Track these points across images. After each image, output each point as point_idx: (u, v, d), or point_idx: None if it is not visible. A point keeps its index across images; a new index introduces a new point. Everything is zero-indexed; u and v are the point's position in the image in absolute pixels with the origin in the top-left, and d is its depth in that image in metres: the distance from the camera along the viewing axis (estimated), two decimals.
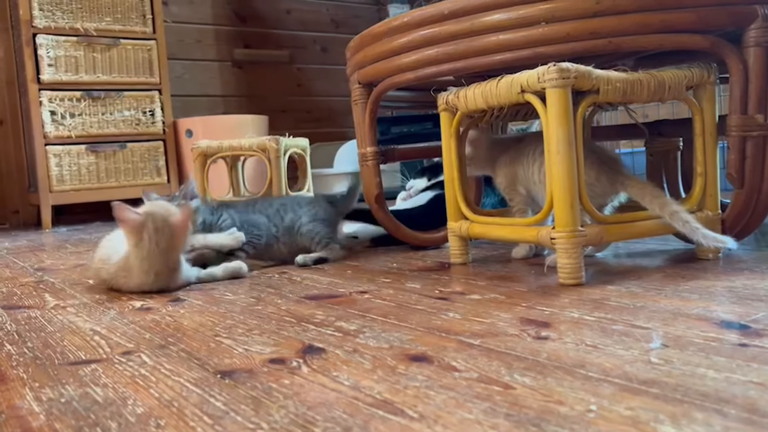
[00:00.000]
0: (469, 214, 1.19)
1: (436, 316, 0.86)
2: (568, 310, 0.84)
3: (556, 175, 0.97)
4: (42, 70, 2.87)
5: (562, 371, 0.61)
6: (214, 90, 3.82)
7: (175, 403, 0.60)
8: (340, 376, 0.64)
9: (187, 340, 0.83)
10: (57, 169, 2.92)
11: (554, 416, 0.51)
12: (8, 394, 0.66)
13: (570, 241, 0.97)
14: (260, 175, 3.17)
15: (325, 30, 4.22)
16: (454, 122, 1.19)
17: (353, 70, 1.39)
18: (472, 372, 0.63)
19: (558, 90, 0.95)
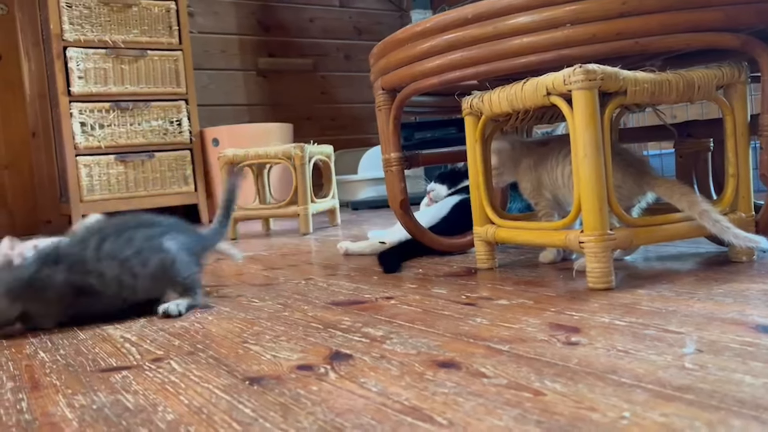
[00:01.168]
0: (496, 219, 1.18)
1: (464, 321, 0.85)
2: (598, 314, 0.83)
3: (584, 178, 0.96)
4: (72, 82, 2.93)
5: (593, 377, 0.60)
6: (239, 99, 3.86)
7: (204, 410, 0.60)
8: (367, 382, 0.64)
9: (215, 346, 0.83)
10: (87, 179, 2.98)
11: (586, 423, 0.50)
12: (42, 401, 0.67)
13: (599, 245, 0.95)
14: (286, 182, 3.20)
15: (348, 37, 4.24)
16: (478, 126, 1.18)
17: (377, 76, 1.39)
18: (501, 378, 0.62)
19: (584, 92, 0.94)
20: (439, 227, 1.51)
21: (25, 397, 0.69)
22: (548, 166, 1.17)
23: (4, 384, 0.74)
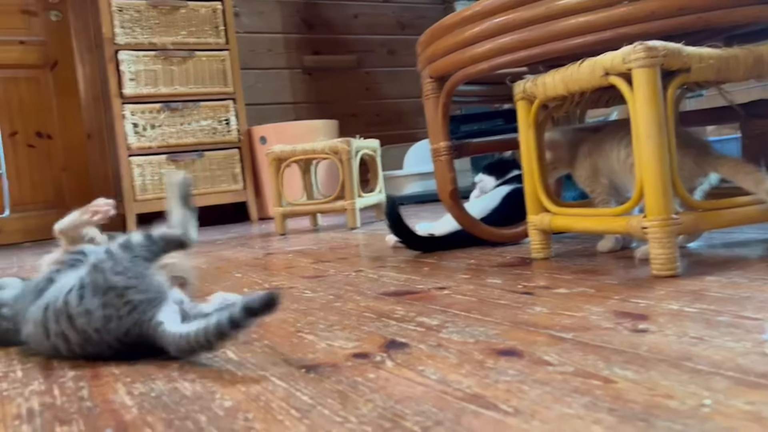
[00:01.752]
0: (551, 207, 1.15)
1: (522, 310, 0.83)
2: (665, 302, 0.79)
3: (646, 161, 0.91)
4: (124, 84, 3.00)
5: (666, 364, 0.57)
6: (285, 97, 3.89)
7: (261, 397, 0.59)
8: (425, 370, 0.62)
9: (270, 336, 0.83)
10: (140, 179, 3.05)
11: (663, 411, 0.47)
12: (102, 389, 0.67)
13: (664, 230, 0.91)
14: (333, 178, 3.20)
15: (392, 32, 4.22)
16: (532, 111, 1.14)
17: (424, 64, 1.37)
18: (567, 366, 0.59)
19: (646, 70, 0.90)
20: (490, 218, 1.48)
21: (86, 385, 0.69)
22: (604, 151, 1.13)
23: (66, 373, 0.75)
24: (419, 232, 1.67)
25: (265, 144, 3.29)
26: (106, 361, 0.77)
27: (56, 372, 0.75)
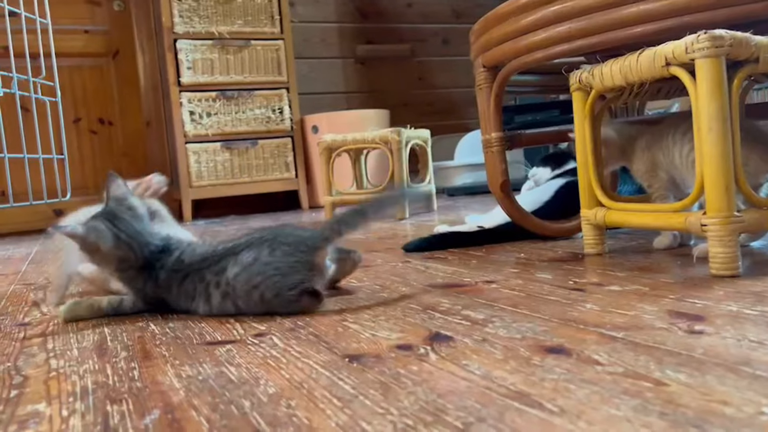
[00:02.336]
0: (606, 201, 1.11)
1: (572, 307, 0.80)
2: (724, 303, 0.75)
3: (708, 155, 0.88)
4: (182, 73, 3.07)
5: (722, 368, 0.54)
6: (338, 87, 3.91)
7: (305, 385, 0.59)
8: (470, 365, 0.61)
9: (315, 324, 0.83)
10: (196, 166, 3.12)
11: (718, 417, 0.45)
12: (152, 370, 0.69)
13: (725, 228, 0.87)
14: (383, 168, 3.20)
15: (447, 21, 4.18)
16: (588, 102, 1.11)
17: (478, 53, 1.35)
18: (617, 366, 0.57)
19: (710, 60, 0.86)
20: (541, 211, 1.45)
21: (136, 366, 0.71)
22: (664, 144, 1.08)
23: (118, 353, 0.77)
24: (467, 224, 1.66)
25: (317, 133, 3.31)
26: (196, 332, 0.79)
27: (109, 352, 0.78)
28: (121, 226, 0.96)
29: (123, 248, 0.95)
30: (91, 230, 0.94)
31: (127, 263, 0.96)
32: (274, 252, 0.89)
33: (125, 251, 0.95)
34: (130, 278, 0.98)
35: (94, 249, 0.95)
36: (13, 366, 0.75)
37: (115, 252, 0.95)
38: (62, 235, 0.95)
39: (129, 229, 0.96)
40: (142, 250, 0.96)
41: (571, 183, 1.47)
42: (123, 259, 0.96)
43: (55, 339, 0.87)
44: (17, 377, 0.70)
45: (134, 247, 0.95)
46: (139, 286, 0.98)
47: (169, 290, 0.95)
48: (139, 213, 0.99)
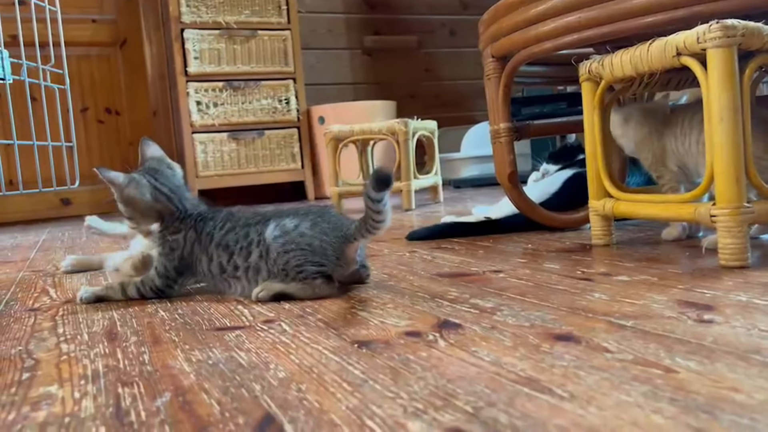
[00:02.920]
0: (614, 192, 1.11)
1: (580, 296, 0.81)
2: (733, 293, 0.75)
3: (718, 146, 0.87)
4: (189, 62, 3.07)
5: (733, 356, 0.54)
6: (345, 78, 3.90)
7: (314, 370, 0.60)
8: (479, 351, 0.62)
9: (323, 311, 0.83)
10: (202, 156, 3.13)
11: (729, 404, 0.45)
12: (162, 354, 0.69)
13: (734, 219, 0.87)
14: (389, 159, 3.20)
15: (454, 12, 4.16)
16: (597, 93, 1.11)
17: (486, 43, 1.34)
18: (626, 354, 0.57)
19: (722, 50, 0.85)
20: (549, 203, 1.45)
21: (147, 350, 0.72)
22: (676, 134, 1.08)
23: (128, 338, 0.78)
24: (474, 216, 1.66)
25: (323, 124, 3.31)
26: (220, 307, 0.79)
27: (119, 337, 0.78)
28: (162, 180, 0.99)
29: (162, 201, 0.98)
30: (132, 181, 0.98)
31: (167, 216, 0.99)
32: (314, 227, 0.91)
33: (165, 204, 0.98)
34: (171, 232, 0.99)
35: (132, 201, 0.98)
36: (25, 350, 0.76)
37: (154, 205, 0.98)
38: (104, 177, 0.98)
39: (169, 184, 1.00)
40: (183, 203, 0.99)
41: (578, 174, 1.47)
42: (162, 212, 0.99)
43: (65, 324, 0.88)
44: (29, 360, 0.71)
45: (174, 200, 0.99)
46: (174, 246, 0.98)
47: (207, 243, 0.96)
48: (178, 171, 1.03)
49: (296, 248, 0.90)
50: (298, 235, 0.90)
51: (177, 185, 1.01)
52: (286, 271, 0.91)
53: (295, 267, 0.90)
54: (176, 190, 1.00)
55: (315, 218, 0.93)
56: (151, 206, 0.98)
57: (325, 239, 0.91)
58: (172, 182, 1.01)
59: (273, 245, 0.91)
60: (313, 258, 0.90)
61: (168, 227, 0.99)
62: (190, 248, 0.98)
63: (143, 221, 1.00)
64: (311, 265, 0.90)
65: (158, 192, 0.98)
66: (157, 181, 0.99)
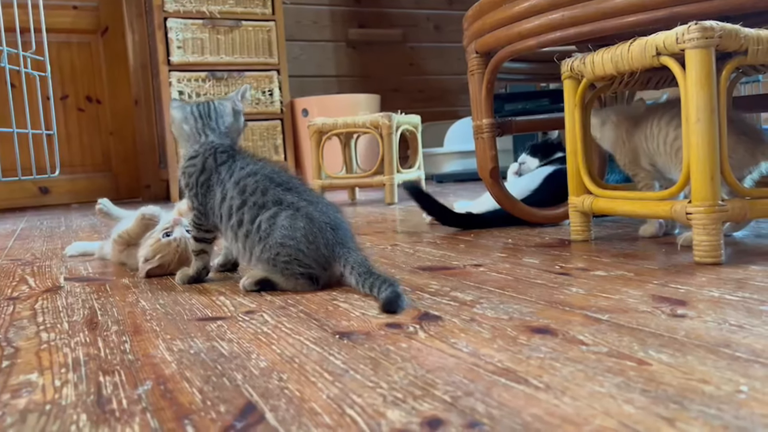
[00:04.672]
0: (594, 189, 1.13)
1: (558, 290, 0.82)
2: (706, 288, 0.77)
3: (694, 145, 0.89)
4: (171, 52, 3.04)
5: (703, 350, 0.56)
6: (329, 70, 3.89)
7: (296, 360, 0.60)
8: (458, 343, 0.63)
9: (305, 302, 0.84)
10: None
11: (698, 395, 0.46)
12: (143, 344, 0.70)
13: (709, 216, 0.89)
14: (372, 152, 3.20)
15: (439, 7, 4.17)
16: (579, 90, 1.12)
17: (470, 39, 1.35)
18: (601, 346, 0.59)
19: (700, 51, 0.87)
20: (530, 199, 1.47)
21: (128, 339, 0.72)
22: (647, 133, 1.10)
23: (109, 327, 0.78)
24: (456, 210, 1.67)
25: (307, 116, 3.30)
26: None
27: (100, 326, 0.78)
28: (201, 107, 1.04)
29: (190, 123, 1.03)
30: (175, 100, 1.07)
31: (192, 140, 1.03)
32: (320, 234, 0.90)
33: (192, 126, 1.03)
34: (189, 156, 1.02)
35: (173, 120, 1.05)
36: (4, 338, 0.75)
37: (184, 126, 1.03)
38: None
39: (203, 111, 1.04)
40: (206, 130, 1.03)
41: (558, 171, 1.48)
42: (191, 135, 1.03)
43: (44, 313, 0.88)
44: (8, 348, 0.71)
45: (200, 126, 1.03)
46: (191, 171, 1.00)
47: (226, 177, 0.97)
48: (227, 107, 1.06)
49: (293, 246, 0.89)
50: (301, 236, 0.90)
51: (211, 110, 1.04)
52: (275, 262, 0.91)
53: (283, 263, 0.90)
54: (209, 113, 1.04)
55: (325, 226, 0.91)
56: (183, 127, 1.04)
57: (322, 252, 0.90)
58: (209, 108, 1.05)
59: (276, 233, 0.91)
60: (303, 260, 0.90)
61: (190, 152, 1.03)
62: (207, 176, 1.00)
63: (180, 144, 1.07)
64: (298, 265, 0.90)
65: (191, 114, 1.04)
66: (198, 108, 1.04)
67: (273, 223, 0.91)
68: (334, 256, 0.91)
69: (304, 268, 0.90)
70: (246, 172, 0.97)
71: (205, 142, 1.02)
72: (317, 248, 0.90)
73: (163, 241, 1.09)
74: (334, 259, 0.91)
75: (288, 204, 0.93)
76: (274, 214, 0.92)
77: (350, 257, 0.90)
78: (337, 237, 0.91)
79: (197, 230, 1.02)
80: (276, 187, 0.95)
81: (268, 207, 0.93)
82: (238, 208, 0.95)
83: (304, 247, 0.90)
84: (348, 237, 0.93)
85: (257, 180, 0.95)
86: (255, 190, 0.94)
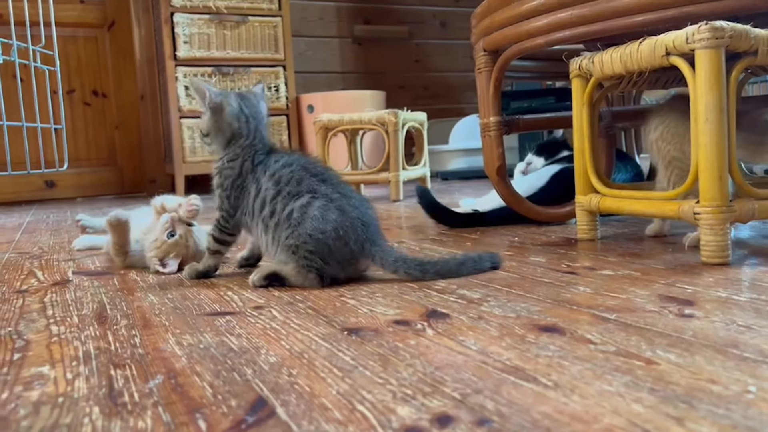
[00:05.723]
0: (601, 188, 1.13)
1: (565, 289, 0.82)
2: (713, 289, 0.77)
3: (703, 145, 0.89)
4: (178, 47, 3.04)
5: (711, 350, 0.56)
6: (334, 66, 3.89)
7: (305, 355, 0.61)
8: (466, 340, 0.63)
9: (313, 298, 0.84)
10: (190, 141, 3.11)
11: (706, 395, 0.47)
12: (153, 338, 0.70)
13: (716, 217, 0.89)
14: (378, 149, 3.20)
15: (445, 4, 4.16)
16: (587, 89, 1.12)
17: (479, 37, 1.35)
18: (609, 345, 0.59)
19: (710, 51, 0.87)
20: (536, 197, 1.47)
21: (137, 333, 0.72)
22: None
23: (118, 321, 0.78)
24: (462, 208, 1.67)
25: (312, 112, 3.30)
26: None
27: (110, 320, 0.79)
28: (247, 103, 1.02)
29: (241, 120, 1.01)
30: (222, 92, 1.02)
31: (236, 140, 1.01)
32: (351, 230, 0.90)
33: (242, 124, 1.01)
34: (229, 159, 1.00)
35: (218, 110, 1.01)
36: (15, 330, 0.76)
37: (233, 122, 1.00)
38: (194, 86, 1.02)
39: (252, 109, 1.02)
40: (256, 133, 1.01)
41: (565, 170, 1.48)
42: (236, 133, 1.01)
43: (54, 306, 0.88)
44: (19, 341, 0.71)
45: (251, 125, 1.01)
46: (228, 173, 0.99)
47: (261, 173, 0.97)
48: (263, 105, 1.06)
49: (321, 240, 0.89)
50: (332, 228, 0.89)
51: (258, 111, 1.03)
52: (297, 249, 0.90)
53: (307, 253, 0.90)
54: (256, 115, 1.03)
55: (356, 221, 0.91)
56: (230, 123, 1.01)
57: (350, 248, 0.90)
58: (255, 108, 1.03)
59: (307, 223, 0.90)
60: (326, 257, 0.90)
61: (229, 153, 1.01)
62: (243, 179, 0.99)
63: (217, 139, 1.02)
64: (319, 259, 0.90)
65: (241, 111, 1.01)
66: (243, 102, 1.02)
67: (305, 212, 0.91)
68: (363, 252, 0.91)
69: (322, 265, 0.90)
70: (281, 164, 0.97)
71: (248, 145, 1.00)
72: (345, 243, 0.90)
73: (170, 242, 1.09)
74: (362, 255, 0.91)
75: (322, 194, 0.92)
76: (307, 203, 0.92)
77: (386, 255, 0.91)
78: (367, 233, 0.92)
79: (220, 232, 1.01)
80: (311, 177, 0.95)
81: (302, 195, 0.92)
82: (272, 198, 0.94)
83: (332, 242, 0.89)
84: (378, 234, 0.94)
85: (293, 170, 0.95)
86: (290, 180, 0.94)
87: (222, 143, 1.02)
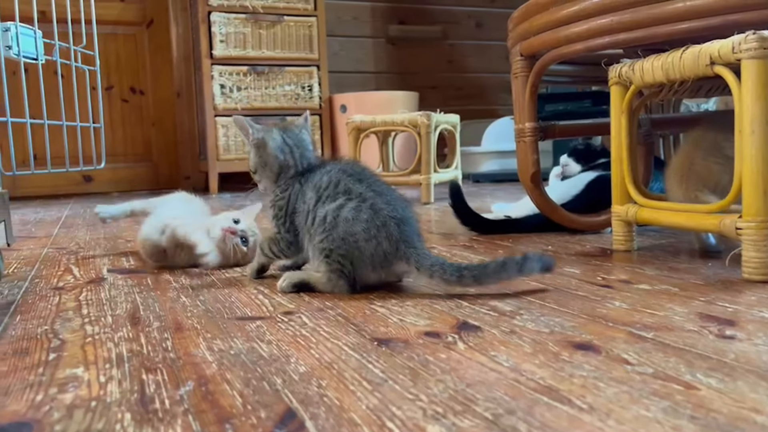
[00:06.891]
0: (638, 198, 1.10)
1: (600, 304, 0.80)
2: (756, 308, 0.75)
3: (747, 157, 0.86)
4: (214, 45, 3.08)
5: (755, 375, 0.54)
6: (367, 66, 3.89)
7: (335, 366, 0.61)
8: (498, 356, 0.62)
9: (342, 305, 0.84)
10: (224, 139, 3.14)
11: (749, 425, 0.45)
12: (184, 341, 0.71)
13: (760, 232, 0.86)
14: (409, 151, 3.19)
15: (481, 5, 4.13)
16: (626, 97, 1.10)
17: (515, 41, 1.33)
18: (647, 367, 0.57)
19: (757, 61, 0.84)
20: (570, 204, 1.44)
21: (169, 336, 0.73)
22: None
23: (151, 323, 0.79)
24: (494, 213, 1.66)
25: (345, 112, 3.31)
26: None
27: (142, 321, 0.80)
28: (289, 134, 1.03)
29: (285, 152, 1.01)
30: (264, 128, 1.03)
31: (285, 171, 1.01)
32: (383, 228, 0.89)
33: (287, 156, 1.01)
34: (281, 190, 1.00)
35: (262, 145, 1.02)
36: (51, 329, 0.77)
37: (278, 155, 1.01)
38: (238, 124, 1.03)
39: (295, 138, 1.03)
40: (302, 161, 1.02)
41: (601, 177, 1.46)
42: (283, 165, 1.01)
43: (89, 305, 0.90)
44: (55, 340, 0.72)
45: (295, 154, 1.02)
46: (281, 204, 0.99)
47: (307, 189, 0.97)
48: (306, 130, 1.06)
49: (351, 243, 0.89)
50: (361, 230, 0.89)
51: (301, 140, 1.04)
52: (330, 253, 0.90)
53: (340, 257, 0.90)
54: (300, 143, 1.03)
55: (389, 220, 0.89)
56: (276, 156, 1.01)
57: (383, 248, 0.89)
58: (298, 137, 1.03)
59: (340, 227, 0.90)
60: (358, 260, 0.89)
61: (280, 185, 1.01)
62: (294, 203, 0.99)
63: (265, 174, 1.03)
64: (350, 264, 0.89)
65: (284, 143, 1.02)
66: (285, 134, 1.03)
67: (338, 215, 0.90)
68: (398, 254, 0.89)
69: (353, 269, 0.90)
70: (322, 172, 0.97)
71: (295, 174, 1.01)
72: (378, 244, 0.89)
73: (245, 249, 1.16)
74: (396, 257, 0.89)
75: (356, 195, 0.92)
76: (340, 205, 0.91)
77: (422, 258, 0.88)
78: (402, 233, 0.90)
79: (279, 251, 1.01)
80: (348, 177, 0.94)
81: (337, 198, 0.92)
82: (313, 206, 0.94)
83: (363, 243, 0.89)
84: (415, 234, 0.92)
85: (331, 176, 0.95)
86: (329, 185, 0.94)
87: (271, 178, 1.02)
